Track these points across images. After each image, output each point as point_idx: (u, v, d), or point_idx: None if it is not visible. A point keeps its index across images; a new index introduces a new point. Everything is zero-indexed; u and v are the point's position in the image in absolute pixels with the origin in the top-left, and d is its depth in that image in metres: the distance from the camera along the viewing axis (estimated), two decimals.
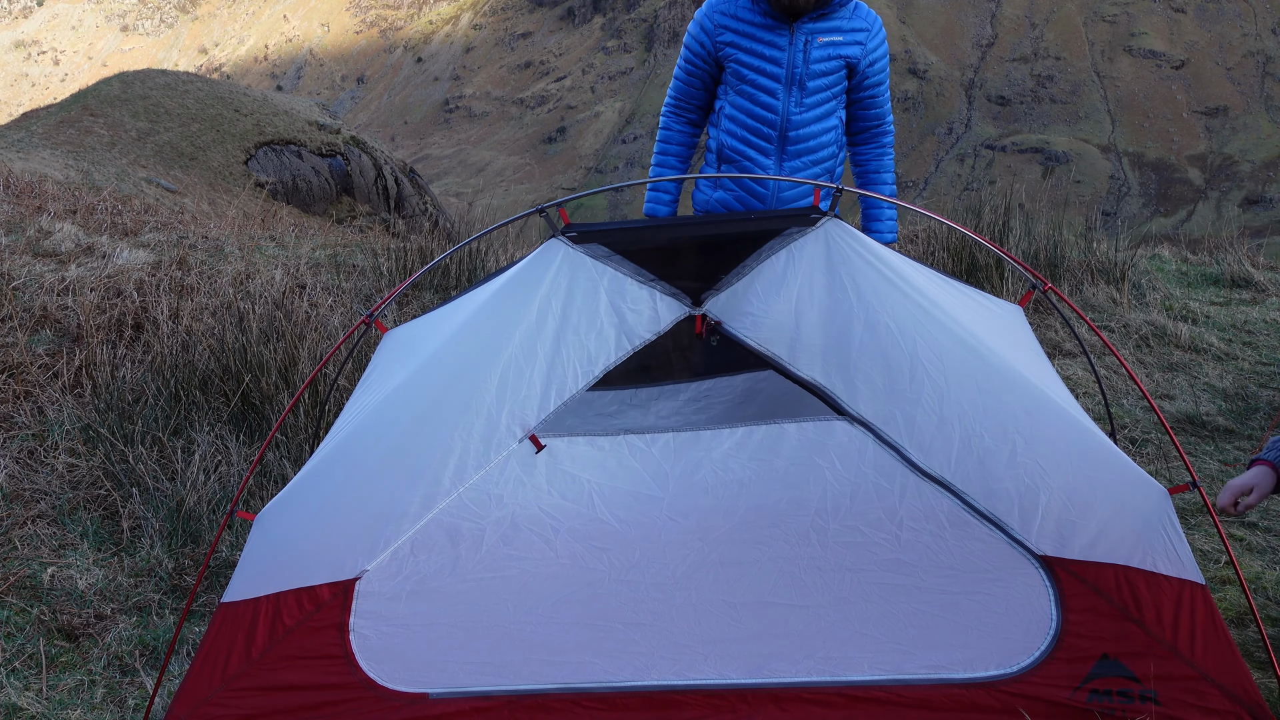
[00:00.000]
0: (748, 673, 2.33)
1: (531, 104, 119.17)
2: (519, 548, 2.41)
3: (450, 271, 6.24)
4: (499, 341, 2.51)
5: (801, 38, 3.21)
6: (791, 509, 2.41)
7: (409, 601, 2.39)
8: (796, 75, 3.22)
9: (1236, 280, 6.82)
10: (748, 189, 3.36)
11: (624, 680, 2.33)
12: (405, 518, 2.41)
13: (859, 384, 2.43)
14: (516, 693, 2.34)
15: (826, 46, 3.24)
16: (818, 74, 3.24)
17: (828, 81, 3.27)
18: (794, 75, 3.22)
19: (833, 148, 3.37)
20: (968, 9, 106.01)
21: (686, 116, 3.49)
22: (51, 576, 3.31)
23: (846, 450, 2.43)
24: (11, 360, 4.51)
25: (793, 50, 3.21)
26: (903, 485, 2.40)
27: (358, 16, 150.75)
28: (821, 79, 3.25)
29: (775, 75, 3.23)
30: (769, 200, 3.33)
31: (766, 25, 3.23)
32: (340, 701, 2.33)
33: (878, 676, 2.32)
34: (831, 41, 3.24)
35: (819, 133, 3.30)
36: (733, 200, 3.39)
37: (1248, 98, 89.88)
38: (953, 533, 2.36)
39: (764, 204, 3.34)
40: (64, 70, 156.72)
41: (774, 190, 3.32)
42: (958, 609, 2.34)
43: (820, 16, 3.22)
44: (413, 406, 2.54)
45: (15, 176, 9.95)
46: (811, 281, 2.50)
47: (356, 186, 19.87)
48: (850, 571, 2.36)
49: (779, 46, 3.21)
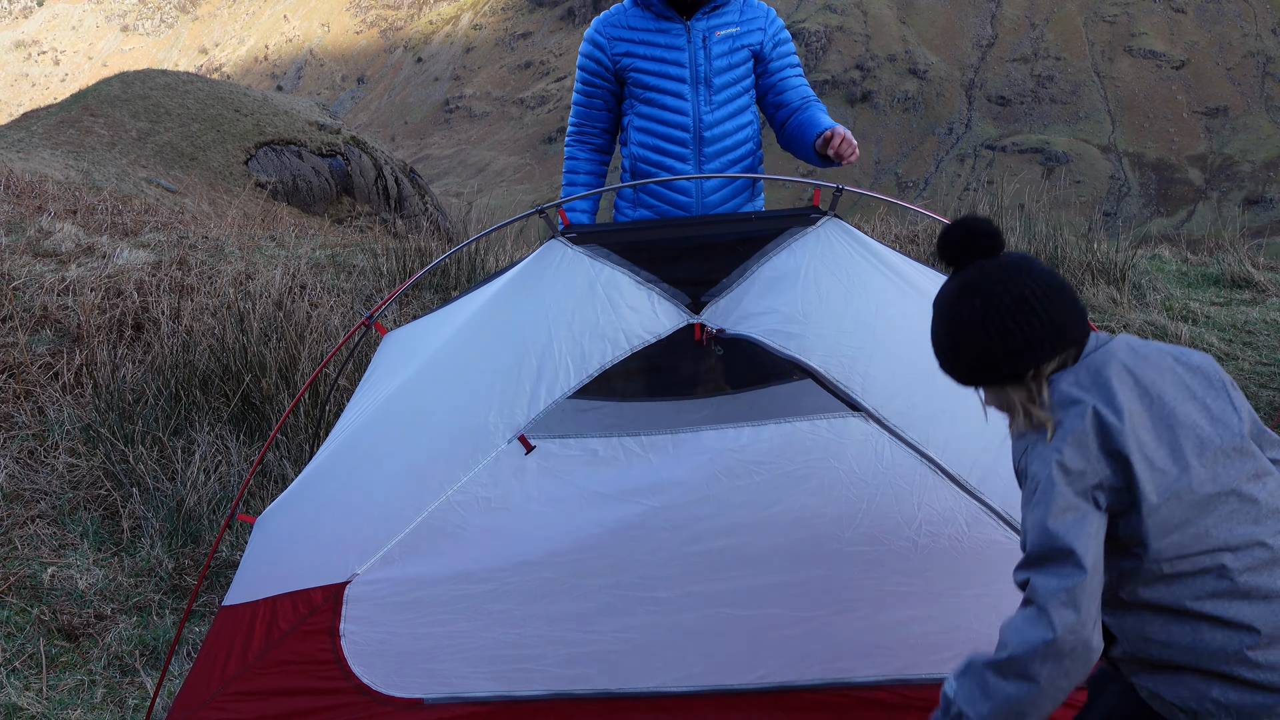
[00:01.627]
0: (750, 676, 2.32)
1: (531, 104, 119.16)
2: (509, 553, 2.37)
3: (450, 272, 6.24)
4: (497, 343, 2.49)
5: (699, 35, 3.10)
6: (805, 515, 2.34)
7: (399, 607, 2.36)
8: (701, 73, 3.11)
9: (1236, 280, 6.82)
10: (669, 201, 3.19)
11: (622, 685, 2.32)
12: (395, 520, 2.39)
13: (871, 380, 2.37)
14: (512, 698, 2.33)
15: (725, 40, 3.12)
16: (722, 69, 3.12)
17: (735, 75, 3.14)
18: (698, 74, 3.11)
19: (750, 144, 3.23)
20: (968, 9, 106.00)
21: (592, 143, 3.32)
22: (51, 576, 3.31)
23: (864, 450, 2.35)
24: (11, 360, 4.51)
25: (692, 49, 3.10)
26: (920, 485, 2.33)
27: (358, 16, 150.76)
28: (728, 74, 3.13)
29: (680, 76, 3.11)
30: (693, 209, 3.17)
31: (661, 28, 3.11)
32: (334, 707, 2.32)
33: (882, 677, 2.30)
34: (729, 34, 3.12)
35: (734, 130, 3.17)
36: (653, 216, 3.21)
37: (1248, 98, 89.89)
38: (969, 535, 2.31)
39: (689, 213, 3.16)
40: (64, 70, 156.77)
41: (697, 197, 3.17)
42: (967, 612, 2.31)
43: (713, 10, 3.11)
44: (409, 409, 2.53)
45: (15, 176, 9.95)
46: (814, 281, 2.47)
47: (356, 186, 19.87)
48: (862, 574, 2.32)
49: (678, 47, 3.10)
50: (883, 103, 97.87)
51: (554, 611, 2.36)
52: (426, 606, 2.37)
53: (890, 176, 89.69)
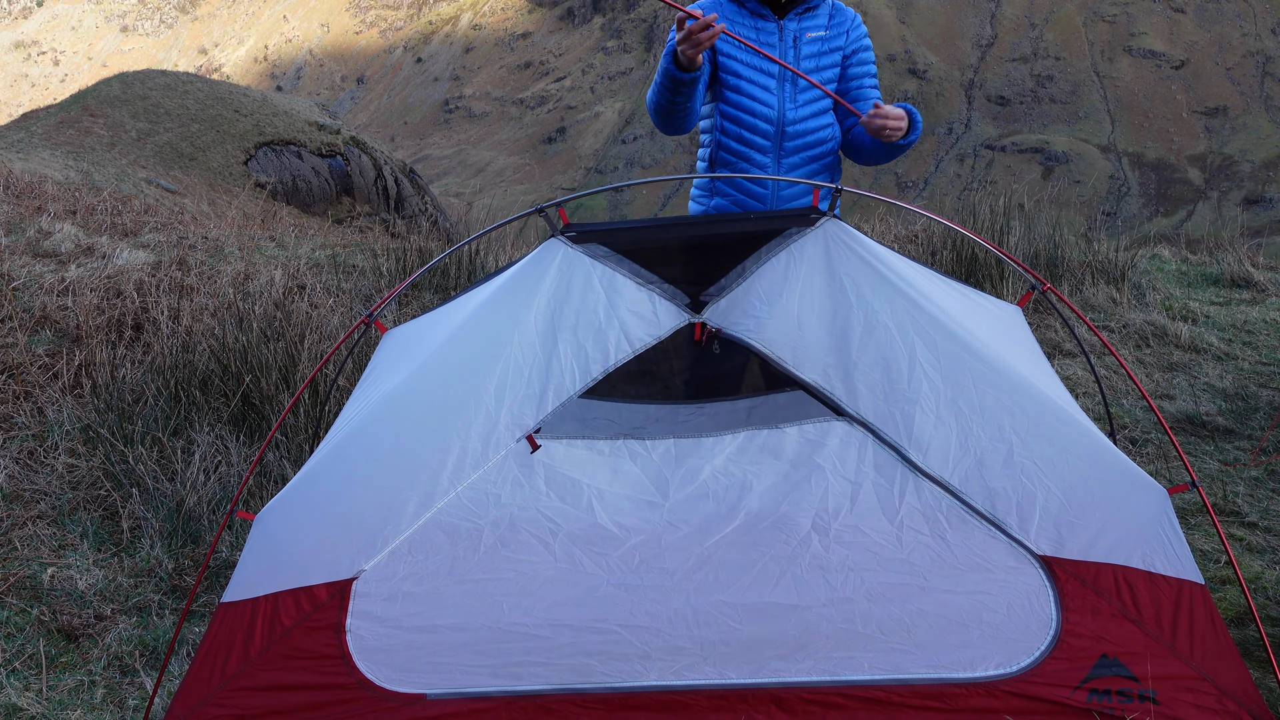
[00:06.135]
0: (748, 673, 2.33)
1: (531, 104, 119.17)
2: (517, 549, 2.41)
3: (450, 271, 6.24)
4: (498, 342, 2.50)
5: (790, 35, 3.19)
6: (792, 510, 2.40)
7: (406, 602, 2.38)
8: (789, 72, 3.19)
9: (1236, 280, 6.83)
10: (746, 191, 3.31)
11: (623, 681, 2.33)
12: (403, 517, 2.41)
13: (859, 384, 2.44)
14: (515, 693, 2.33)
15: (815, 42, 3.22)
16: (810, 70, 3.21)
17: (822, 78, 3.24)
18: (787, 72, 3.19)
19: (831, 144, 3.32)
20: (968, 9, 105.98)
21: None
22: (51, 577, 3.31)
23: (847, 451, 2.43)
24: (11, 360, 4.51)
25: (783, 46, 3.19)
26: (903, 485, 2.39)
27: (358, 17, 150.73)
28: (815, 75, 3.22)
29: (769, 71, 3.19)
30: (769, 201, 3.28)
31: (756, 25, 3.20)
32: (338, 702, 2.33)
33: (878, 676, 2.32)
34: (819, 37, 3.22)
35: (816, 128, 3.26)
36: (731, 205, 3.33)
37: (1248, 98, 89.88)
38: (954, 533, 2.36)
39: (764, 205, 3.29)
40: (64, 70, 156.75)
41: (773, 190, 3.28)
42: (958, 609, 2.34)
43: (805, 13, 3.21)
44: (412, 406, 2.54)
45: (15, 177, 9.95)
46: (811, 282, 2.50)
47: (356, 187, 19.87)
48: (851, 572, 2.36)
49: (770, 45, 3.19)
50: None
51: (558, 608, 2.37)
52: (431, 603, 2.38)
53: (890, 176, 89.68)
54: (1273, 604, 3.16)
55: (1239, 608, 3.09)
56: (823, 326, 2.47)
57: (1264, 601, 3.16)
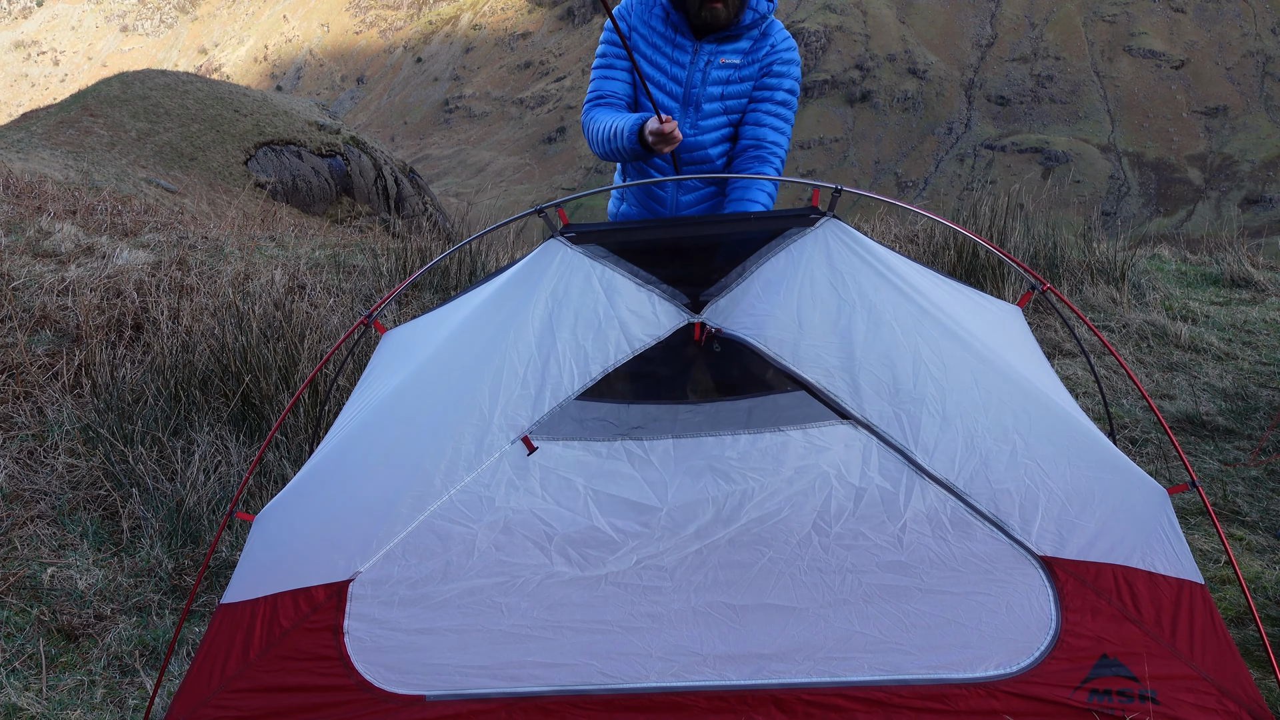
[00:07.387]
0: (747, 674, 2.33)
1: (531, 104, 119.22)
2: (512, 552, 2.39)
3: (450, 272, 6.24)
4: (496, 342, 2.50)
5: (704, 57, 3.11)
6: (794, 513, 2.39)
7: (403, 604, 2.38)
8: (694, 96, 3.12)
9: (1236, 280, 6.83)
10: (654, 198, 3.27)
11: (623, 682, 2.33)
12: (397, 519, 2.40)
13: (863, 385, 2.42)
14: (515, 695, 2.33)
15: (727, 68, 3.12)
16: (714, 96, 3.13)
17: (724, 106, 3.15)
18: (691, 95, 3.13)
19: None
20: (968, 9, 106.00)
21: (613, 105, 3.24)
22: (51, 576, 3.31)
23: (851, 456, 2.40)
24: (11, 360, 4.51)
25: (693, 69, 3.11)
26: (909, 489, 2.38)
27: (357, 17, 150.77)
28: (717, 102, 3.14)
29: (673, 94, 3.13)
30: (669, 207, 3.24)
31: (672, 40, 3.13)
32: (337, 704, 2.33)
33: (878, 677, 2.31)
34: (732, 64, 3.12)
35: (714, 157, 3.19)
36: (635, 214, 3.31)
37: (1247, 98, 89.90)
38: (955, 534, 2.36)
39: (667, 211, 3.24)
40: (64, 70, 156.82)
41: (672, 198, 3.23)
42: (958, 610, 2.33)
43: (726, 38, 3.10)
44: (408, 408, 2.53)
45: (15, 176, 9.95)
46: (812, 282, 2.50)
47: (356, 187, 19.88)
48: (851, 573, 2.36)
49: (680, 64, 3.12)
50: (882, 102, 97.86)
51: (556, 610, 2.37)
52: (429, 604, 2.38)
53: (890, 176, 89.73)
54: (1273, 604, 3.16)
55: (1239, 608, 3.09)
56: (825, 326, 2.46)
57: (1264, 601, 3.16)
